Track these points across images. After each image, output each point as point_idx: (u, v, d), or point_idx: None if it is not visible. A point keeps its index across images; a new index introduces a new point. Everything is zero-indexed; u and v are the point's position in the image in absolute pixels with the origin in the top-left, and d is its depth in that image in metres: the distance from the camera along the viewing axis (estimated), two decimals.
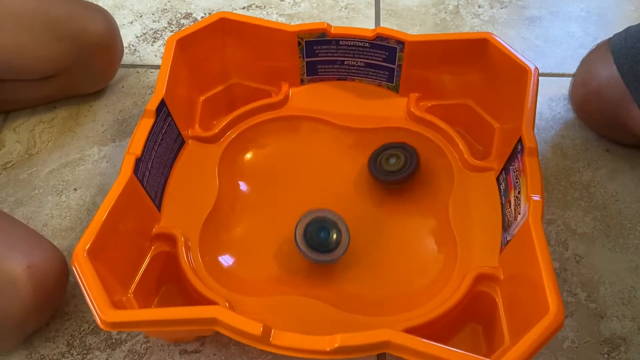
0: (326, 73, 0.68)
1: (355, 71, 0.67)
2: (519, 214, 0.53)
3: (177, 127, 0.62)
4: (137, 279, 0.55)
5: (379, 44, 0.64)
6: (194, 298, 0.55)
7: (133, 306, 0.53)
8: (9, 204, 0.69)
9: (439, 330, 0.52)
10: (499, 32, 0.84)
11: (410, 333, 0.45)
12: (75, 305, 0.61)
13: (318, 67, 0.67)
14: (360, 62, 0.66)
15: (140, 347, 0.59)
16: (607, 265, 0.63)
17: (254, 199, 0.65)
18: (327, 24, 0.64)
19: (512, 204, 0.56)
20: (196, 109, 0.67)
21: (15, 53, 0.68)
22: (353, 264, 0.60)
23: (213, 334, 0.59)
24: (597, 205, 0.67)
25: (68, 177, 0.71)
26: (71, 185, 0.70)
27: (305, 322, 0.55)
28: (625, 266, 0.63)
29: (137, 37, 0.86)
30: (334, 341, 0.44)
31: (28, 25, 0.68)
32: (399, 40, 0.63)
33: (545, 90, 0.76)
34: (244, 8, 0.89)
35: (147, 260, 0.57)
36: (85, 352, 0.58)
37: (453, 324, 0.54)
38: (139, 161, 0.55)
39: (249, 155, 0.67)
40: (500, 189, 0.60)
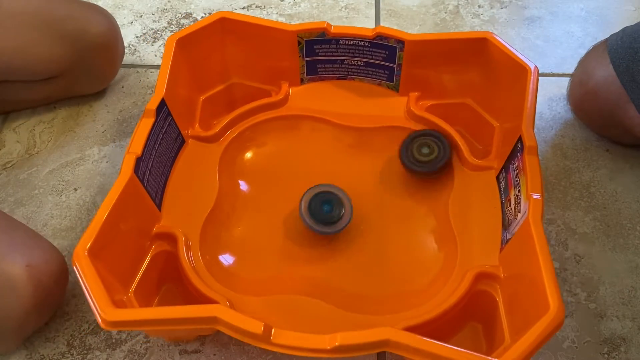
0: (326, 72, 0.68)
1: (355, 70, 0.67)
2: (519, 212, 0.53)
3: (177, 127, 0.62)
4: (137, 278, 0.55)
5: (379, 43, 0.64)
6: (194, 297, 0.55)
7: (134, 305, 0.53)
8: (9, 204, 0.69)
9: (439, 329, 0.52)
10: (498, 32, 0.84)
11: (411, 332, 0.44)
12: (75, 305, 0.61)
13: (318, 66, 0.67)
14: (360, 61, 0.66)
15: (140, 347, 0.59)
16: (607, 265, 0.63)
17: (254, 198, 0.65)
18: (327, 23, 0.63)
19: (512, 202, 0.56)
20: (196, 108, 0.67)
21: (16, 54, 0.68)
22: (353, 263, 0.61)
23: (213, 334, 0.59)
24: (597, 205, 0.67)
25: (68, 177, 0.71)
26: (71, 185, 0.70)
27: (305, 320, 0.55)
28: (625, 266, 0.63)
29: (137, 37, 0.86)
30: (335, 340, 0.44)
31: (29, 26, 0.68)
32: (399, 39, 0.63)
33: (545, 90, 0.77)
34: (244, 8, 0.89)
35: (147, 260, 0.57)
36: (85, 352, 0.58)
37: (453, 322, 0.54)
38: (139, 160, 0.55)
39: (249, 154, 0.67)
40: (500, 188, 0.60)
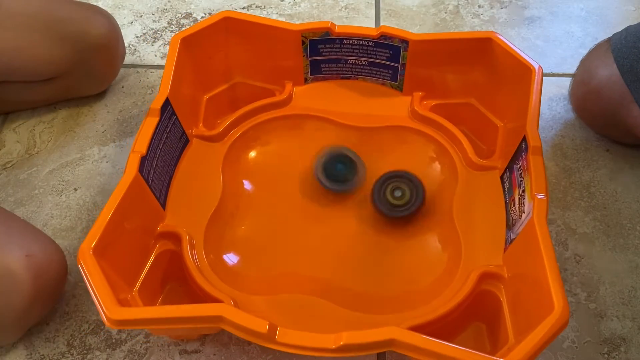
0: (330, 72, 0.68)
1: (359, 70, 0.67)
2: (523, 212, 0.53)
3: (181, 126, 0.62)
4: (141, 277, 0.55)
5: (383, 42, 0.64)
6: (198, 296, 0.55)
7: (138, 304, 0.53)
8: (9, 204, 0.69)
9: (443, 329, 0.52)
10: (499, 32, 0.84)
11: (415, 331, 0.44)
12: (75, 305, 0.61)
13: (322, 66, 0.67)
14: (364, 61, 0.66)
15: (140, 347, 0.59)
16: (607, 265, 0.63)
17: (258, 197, 0.65)
18: (332, 22, 0.63)
19: (516, 202, 0.56)
20: (200, 107, 0.67)
21: (16, 54, 0.68)
22: (357, 262, 0.61)
23: (213, 334, 0.59)
24: (597, 205, 0.67)
25: (68, 177, 0.71)
26: (71, 185, 0.70)
27: (310, 320, 0.55)
28: (625, 266, 0.63)
29: (137, 37, 0.86)
30: (340, 339, 0.44)
31: (29, 27, 0.67)
32: (403, 39, 0.63)
33: (545, 90, 0.76)
34: (244, 8, 0.89)
35: (151, 259, 0.57)
36: (85, 352, 0.58)
37: (457, 322, 0.54)
38: (144, 159, 0.55)
39: (252, 153, 0.67)
40: (504, 188, 0.60)
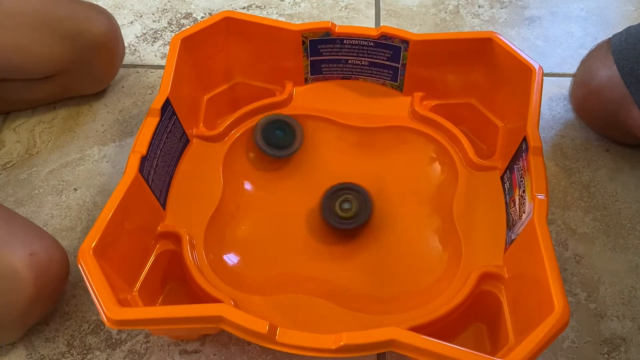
0: (330, 72, 0.68)
1: (360, 70, 0.67)
2: (524, 212, 0.53)
3: (181, 126, 0.62)
4: (142, 277, 0.55)
5: (383, 43, 0.64)
6: (198, 296, 0.55)
7: (138, 304, 0.53)
8: (9, 204, 0.69)
9: (443, 329, 0.52)
10: (499, 32, 0.84)
11: (415, 331, 0.44)
12: (75, 305, 0.61)
13: (322, 66, 0.67)
14: (364, 61, 0.66)
15: (140, 347, 0.59)
16: (607, 265, 0.63)
17: (258, 197, 0.65)
18: (332, 23, 0.63)
19: (517, 203, 0.56)
20: (200, 107, 0.67)
21: (16, 52, 0.68)
22: (357, 262, 0.61)
23: (213, 334, 0.59)
24: (597, 205, 0.67)
25: (68, 177, 0.71)
26: (71, 185, 0.70)
27: (310, 320, 0.55)
28: (625, 266, 0.63)
29: (137, 37, 0.86)
30: (340, 339, 0.44)
31: (29, 25, 0.67)
32: (403, 39, 0.63)
33: (545, 90, 0.76)
34: (244, 8, 0.89)
35: (152, 259, 0.57)
36: (85, 352, 0.58)
37: (457, 322, 0.54)
38: (144, 159, 0.55)
39: (253, 154, 0.67)
40: (504, 188, 0.60)
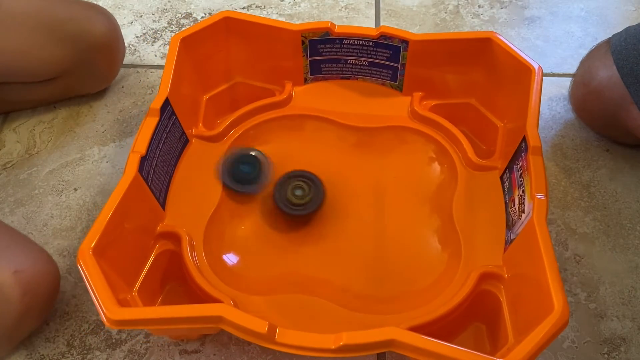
0: (330, 72, 0.68)
1: (359, 70, 0.67)
2: (523, 212, 0.53)
3: (181, 126, 0.62)
4: (141, 277, 0.55)
5: (383, 43, 0.64)
6: (198, 296, 0.55)
7: (138, 304, 0.53)
8: (9, 204, 0.69)
9: (443, 329, 0.52)
10: (498, 32, 0.84)
11: (415, 331, 0.45)
12: (75, 305, 0.61)
13: (322, 66, 0.67)
14: (364, 61, 0.66)
15: (140, 347, 0.59)
16: (607, 265, 0.63)
17: (257, 197, 0.64)
18: (331, 23, 0.63)
19: (516, 202, 0.56)
20: (200, 107, 0.67)
21: (17, 55, 0.68)
22: (357, 262, 0.61)
23: (213, 334, 0.59)
24: (597, 205, 0.67)
25: (68, 177, 0.71)
26: (71, 185, 0.70)
27: (309, 320, 0.55)
28: (625, 266, 0.63)
29: (137, 37, 0.86)
30: (340, 339, 0.44)
31: (30, 27, 0.67)
32: (402, 39, 0.63)
33: (545, 90, 0.76)
34: (244, 8, 0.89)
35: (151, 259, 0.57)
36: (85, 352, 0.58)
37: (457, 322, 0.54)
38: (143, 159, 0.55)
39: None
40: (504, 188, 0.60)
